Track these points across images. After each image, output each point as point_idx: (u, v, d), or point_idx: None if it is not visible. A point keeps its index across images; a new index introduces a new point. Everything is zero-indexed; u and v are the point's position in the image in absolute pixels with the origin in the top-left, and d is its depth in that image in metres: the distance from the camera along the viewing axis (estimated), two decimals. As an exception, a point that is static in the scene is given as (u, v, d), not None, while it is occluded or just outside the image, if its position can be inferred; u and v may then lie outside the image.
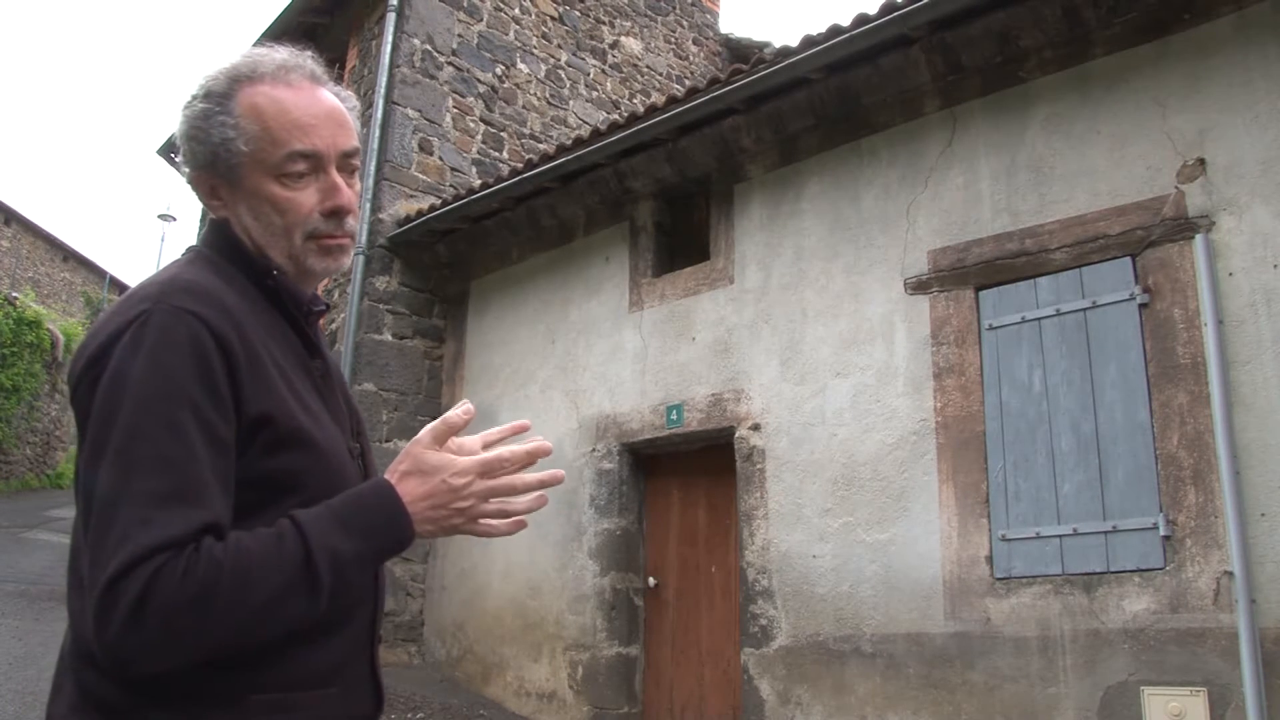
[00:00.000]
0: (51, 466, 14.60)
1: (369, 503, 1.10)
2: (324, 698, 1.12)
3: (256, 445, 1.07)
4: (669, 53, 10.88)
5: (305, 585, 1.02)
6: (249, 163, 1.17)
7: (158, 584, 0.94)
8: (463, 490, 1.13)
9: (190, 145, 1.20)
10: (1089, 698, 3.95)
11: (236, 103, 1.17)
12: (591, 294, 6.71)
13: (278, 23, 9.26)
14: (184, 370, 1.02)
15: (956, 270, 4.76)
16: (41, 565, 8.66)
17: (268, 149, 1.16)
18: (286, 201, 1.18)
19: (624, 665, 5.91)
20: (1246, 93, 4.07)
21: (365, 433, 1.35)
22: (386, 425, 7.37)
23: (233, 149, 1.17)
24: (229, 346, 1.06)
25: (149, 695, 1.01)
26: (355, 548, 1.06)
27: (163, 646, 0.96)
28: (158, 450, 0.99)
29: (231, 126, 1.16)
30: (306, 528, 1.04)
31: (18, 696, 5.17)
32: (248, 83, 1.18)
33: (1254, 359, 3.86)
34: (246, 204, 1.19)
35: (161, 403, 1.01)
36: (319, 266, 1.22)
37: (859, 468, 4.90)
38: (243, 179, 1.18)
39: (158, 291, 1.08)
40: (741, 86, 5.42)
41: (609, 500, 6.16)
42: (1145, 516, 3.97)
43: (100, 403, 1.02)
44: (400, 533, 1.10)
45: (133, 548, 0.95)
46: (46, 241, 25.69)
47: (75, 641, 1.07)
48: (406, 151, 7.95)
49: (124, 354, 1.03)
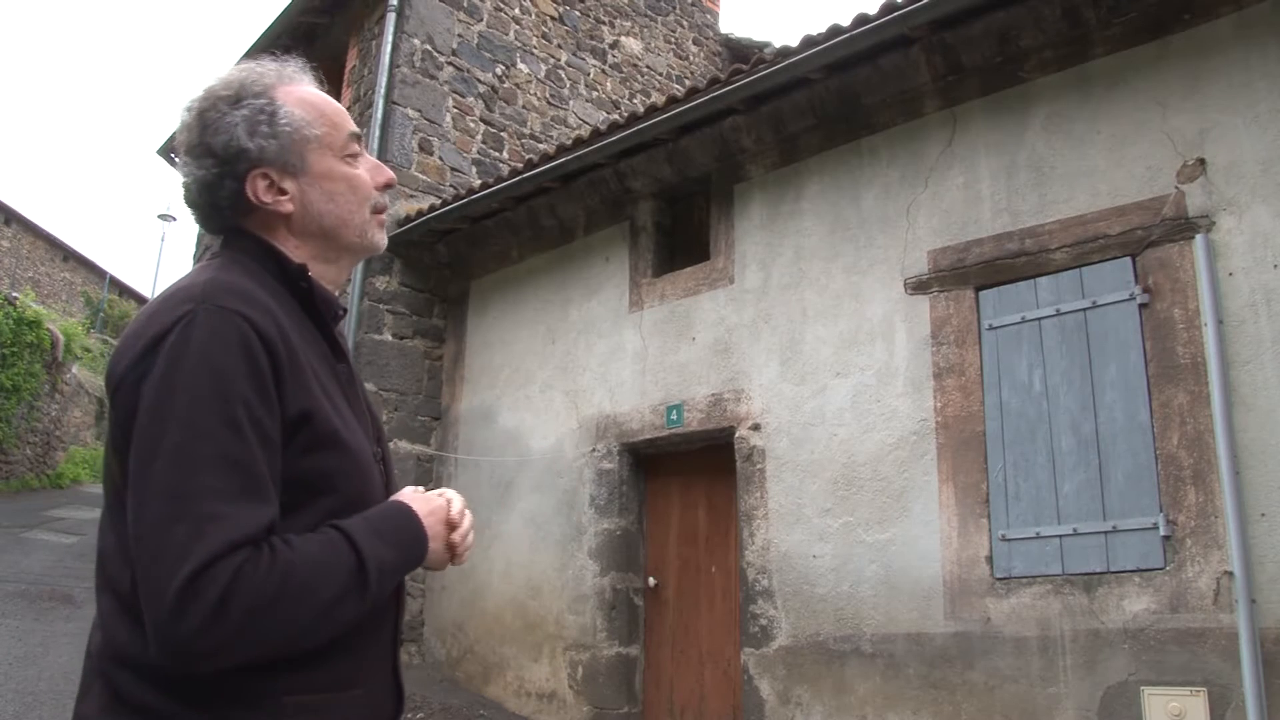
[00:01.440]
0: (51, 466, 14.60)
1: (398, 519, 1.17)
2: (349, 700, 1.14)
3: (295, 445, 1.09)
4: (669, 53, 10.88)
5: (358, 589, 1.07)
6: (319, 147, 1.24)
7: (241, 580, 0.96)
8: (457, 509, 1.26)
9: (254, 142, 1.21)
10: (1089, 698, 3.95)
11: (283, 99, 1.24)
12: (591, 294, 6.71)
13: (277, 23, 9.25)
14: (235, 369, 1.04)
15: (956, 270, 4.76)
16: (41, 565, 8.66)
17: (332, 133, 1.26)
18: (358, 178, 1.28)
19: (624, 665, 5.91)
20: (1246, 93, 4.07)
21: (385, 436, 1.38)
22: (387, 425, 7.37)
23: (307, 134, 1.23)
24: (273, 347, 1.08)
25: (185, 697, 1.02)
26: (393, 557, 1.13)
27: (239, 642, 0.98)
28: (219, 448, 1.00)
29: (298, 117, 1.23)
30: (356, 536, 1.09)
31: (18, 696, 5.17)
32: (281, 83, 1.26)
33: (1254, 359, 3.86)
34: (319, 188, 1.25)
35: (217, 401, 1.02)
36: (379, 240, 1.32)
37: (859, 468, 4.90)
38: (313, 164, 1.24)
39: (201, 293, 1.09)
40: (741, 86, 5.42)
41: (609, 500, 6.16)
42: (1145, 516, 3.97)
43: (152, 402, 1.03)
44: (423, 547, 1.19)
45: (211, 543, 0.96)
46: (46, 241, 25.70)
47: (107, 643, 1.07)
48: (406, 151, 7.95)
49: (173, 353, 1.04)
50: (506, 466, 6.92)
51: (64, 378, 14.83)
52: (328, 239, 1.26)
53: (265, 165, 1.21)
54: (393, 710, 1.25)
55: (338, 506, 1.12)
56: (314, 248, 1.26)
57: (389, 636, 1.24)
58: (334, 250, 1.28)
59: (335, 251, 1.28)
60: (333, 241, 1.27)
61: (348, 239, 1.27)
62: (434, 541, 1.20)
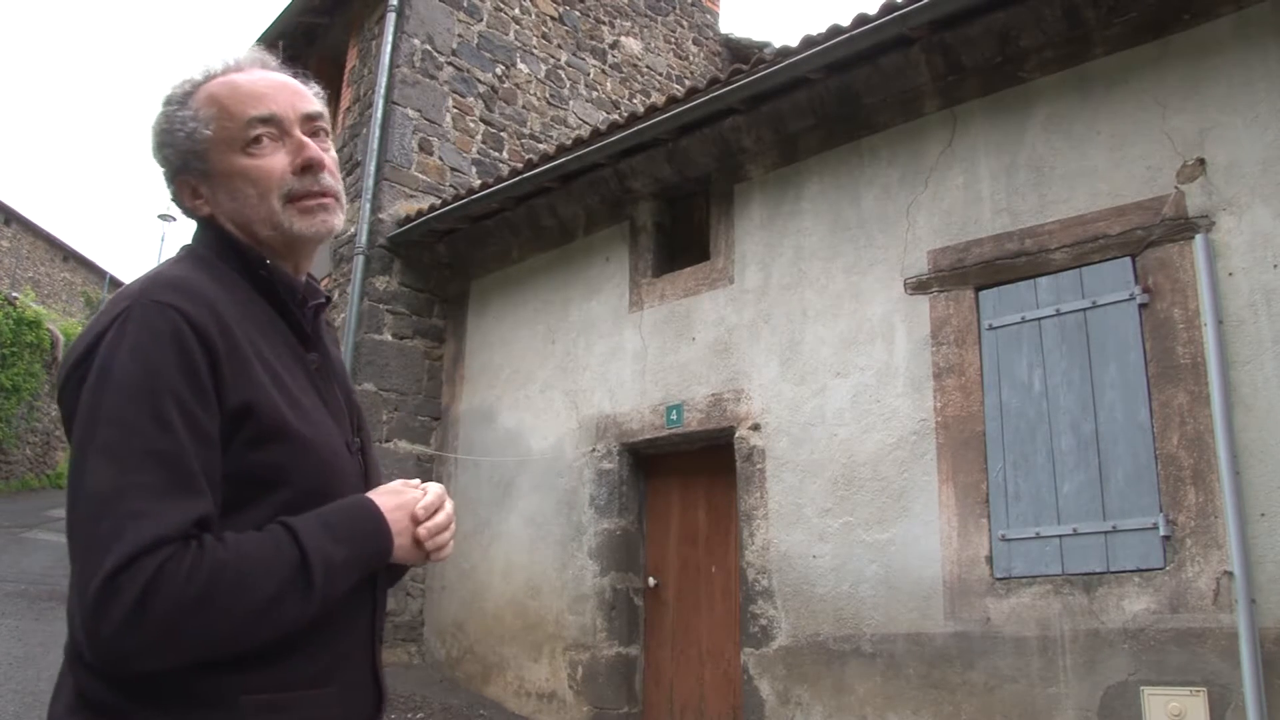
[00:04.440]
0: (51, 466, 14.60)
1: (354, 513, 1.14)
2: (318, 698, 1.12)
3: (239, 439, 1.07)
4: (669, 53, 10.88)
5: (300, 588, 1.04)
6: (215, 146, 1.20)
7: (162, 580, 0.94)
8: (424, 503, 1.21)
9: (164, 153, 1.22)
10: (1089, 698, 3.95)
11: (194, 99, 1.21)
12: (591, 294, 6.71)
13: (277, 23, 9.25)
14: (166, 363, 1.03)
15: (956, 270, 4.76)
16: (41, 565, 8.66)
17: (227, 125, 1.19)
18: (256, 170, 1.20)
19: (624, 665, 5.91)
20: (1246, 93, 4.07)
21: (366, 427, 1.36)
22: (386, 425, 7.37)
23: (197, 137, 1.20)
24: (208, 339, 1.06)
25: (141, 696, 1.01)
26: (344, 554, 1.09)
27: (162, 644, 0.96)
28: (146, 443, 0.99)
29: (192, 118, 1.20)
30: (300, 533, 1.06)
31: (17, 696, 5.17)
32: (203, 81, 1.23)
33: (1254, 359, 3.86)
34: (224, 189, 1.21)
35: (146, 396, 1.01)
36: (305, 229, 1.22)
37: (859, 468, 4.90)
38: (214, 165, 1.20)
39: (139, 289, 1.09)
40: (741, 86, 5.42)
41: (609, 500, 6.16)
42: (1145, 516, 3.97)
43: (86, 399, 1.02)
44: (383, 541, 1.15)
45: (132, 540, 0.94)
46: (46, 241, 25.70)
47: (72, 641, 1.07)
48: (406, 151, 7.95)
49: (107, 350, 1.03)
50: (506, 466, 6.92)
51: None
52: (250, 235, 1.22)
53: (182, 174, 1.21)
54: (372, 708, 1.22)
55: (294, 501, 1.10)
56: (253, 243, 1.24)
57: (366, 632, 1.21)
58: (262, 245, 1.23)
59: (263, 246, 1.23)
60: (253, 237, 1.22)
61: (261, 233, 1.21)
62: (399, 537, 1.16)
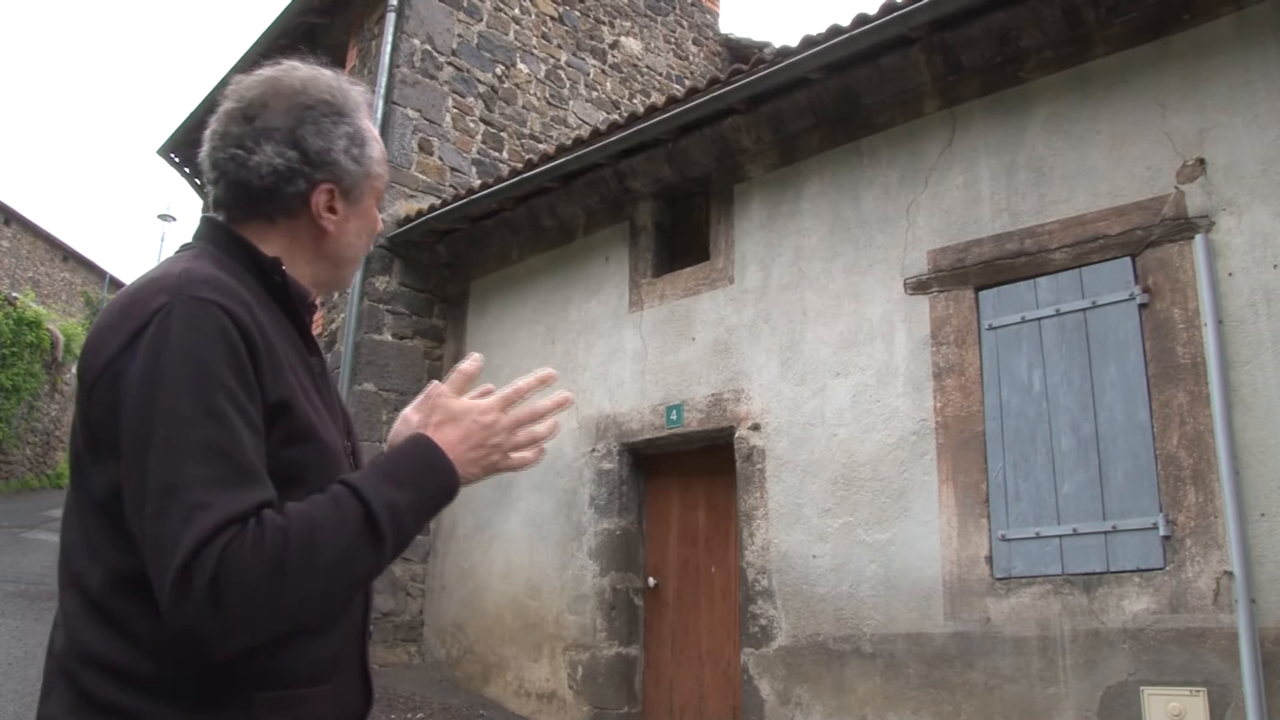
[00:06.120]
0: (51, 466, 14.60)
1: (413, 455, 1.14)
2: (320, 695, 1.12)
3: (273, 436, 1.08)
4: (669, 53, 10.88)
5: (370, 540, 1.05)
6: (371, 189, 1.29)
7: (228, 560, 0.95)
8: (493, 426, 1.19)
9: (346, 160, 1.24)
10: (1089, 698, 3.95)
11: (367, 130, 1.27)
12: (591, 294, 6.71)
13: (277, 23, 9.25)
14: (217, 358, 1.03)
15: (956, 270, 4.76)
16: (41, 565, 8.66)
17: (383, 178, 1.30)
18: (375, 224, 1.32)
19: (624, 665, 5.91)
20: (1246, 93, 4.07)
21: (355, 431, 1.37)
22: (386, 425, 7.36)
23: (373, 172, 1.28)
24: (251, 337, 1.07)
25: (155, 695, 1.02)
26: (409, 498, 1.10)
27: (245, 621, 0.97)
28: (205, 437, 1.00)
29: (375, 154, 1.28)
30: (359, 485, 1.07)
31: (17, 697, 5.18)
32: (362, 110, 1.28)
33: (1254, 359, 3.86)
34: (357, 222, 1.29)
35: (200, 390, 1.01)
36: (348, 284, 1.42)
37: (859, 468, 4.90)
38: (363, 200, 1.28)
39: (176, 284, 1.08)
40: (741, 86, 5.42)
41: (609, 500, 6.16)
42: (1145, 516, 3.97)
43: (135, 396, 1.02)
44: (447, 478, 1.15)
45: (197, 530, 0.95)
46: (46, 241, 25.69)
47: (71, 642, 1.07)
48: (406, 151, 7.95)
49: (152, 347, 1.03)
50: (506, 466, 6.92)
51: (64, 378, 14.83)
52: (335, 266, 1.30)
53: (337, 183, 1.24)
54: (361, 707, 1.23)
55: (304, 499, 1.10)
56: (317, 264, 1.28)
57: (357, 629, 1.22)
58: (328, 274, 1.31)
59: (328, 275, 1.31)
60: (335, 270, 1.31)
61: (345, 275, 1.33)
62: (470, 467, 1.17)
